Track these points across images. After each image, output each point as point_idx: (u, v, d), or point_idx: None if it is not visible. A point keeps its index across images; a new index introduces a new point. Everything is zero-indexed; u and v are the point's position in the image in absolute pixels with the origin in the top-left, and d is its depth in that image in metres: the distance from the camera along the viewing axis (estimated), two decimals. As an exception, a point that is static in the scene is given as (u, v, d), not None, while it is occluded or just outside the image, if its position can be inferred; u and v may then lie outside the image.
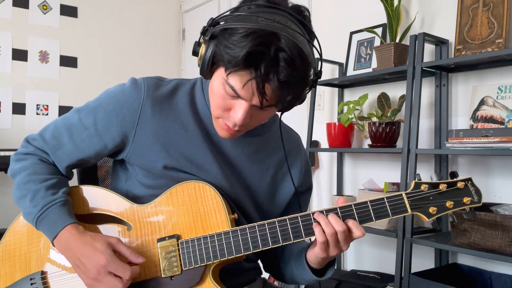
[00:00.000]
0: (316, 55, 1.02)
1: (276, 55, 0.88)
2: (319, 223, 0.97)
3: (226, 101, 0.97)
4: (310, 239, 1.05)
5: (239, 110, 0.95)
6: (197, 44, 1.00)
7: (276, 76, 0.89)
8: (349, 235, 0.97)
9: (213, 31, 0.95)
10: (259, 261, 1.25)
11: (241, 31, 0.89)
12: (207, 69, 0.97)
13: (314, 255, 1.01)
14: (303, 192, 1.24)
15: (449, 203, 0.99)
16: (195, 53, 1.00)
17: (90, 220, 1.08)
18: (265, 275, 1.27)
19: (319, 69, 1.02)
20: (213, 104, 1.00)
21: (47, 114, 3.41)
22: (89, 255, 0.96)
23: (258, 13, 0.91)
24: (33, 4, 3.39)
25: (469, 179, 1.01)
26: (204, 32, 0.97)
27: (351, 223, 0.97)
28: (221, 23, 0.96)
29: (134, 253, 0.99)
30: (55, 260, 1.07)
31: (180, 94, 1.11)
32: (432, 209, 0.99)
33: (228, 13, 0.95)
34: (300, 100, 0.99)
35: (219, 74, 0.96)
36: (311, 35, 0.99)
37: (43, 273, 1.06)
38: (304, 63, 0.91)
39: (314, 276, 1.07)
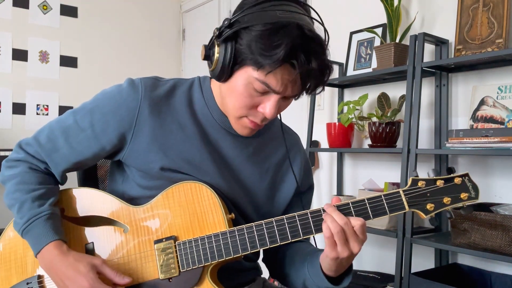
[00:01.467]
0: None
1: (309, 45, 0.92)
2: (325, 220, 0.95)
3: (254, 98, 0.98)
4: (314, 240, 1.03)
5: (270, 105, 0.98)
6: (209, 48, 1.00)
7: (315, 64, 0.93)
8: (354, 232, 0.94)
9: (230, 32, 0.94)
10: (259, 261, 1.24)
11: (267, 28, 0.91)
12: (228, 71, 0.97)
13: (324, 256, 0.98)
14: (304, 192, 1.24)
15: (446, 199, 0.99)
16: (207, 57, 1.00)
17: (86, 222, 1.07)
18: (265, 275, 1.27)
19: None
20: (236, 105, 1.00)
21: (47, 114, 3.41)
22: (72, 278, 0.95)
23: (271, 7, 0.93)
24: (33, 4, 3.38)
25: (466, 175, 1.01)
26: (220, 34, 0.96)
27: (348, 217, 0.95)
28: (234, 22, 0.95)
29: (119, 274, 0.98)
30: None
31: (178, 94, 1.10)
32: (429, 206, 0.98)
33: (240, 12, 0.95)
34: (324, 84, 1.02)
35: (243, 73, 0.96)
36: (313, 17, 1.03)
37: (39, 277, 1.05)
38: (325, 47, 0.96)
39: (329, 283, 1.02)
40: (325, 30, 1.00)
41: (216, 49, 0.96)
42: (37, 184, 1.05)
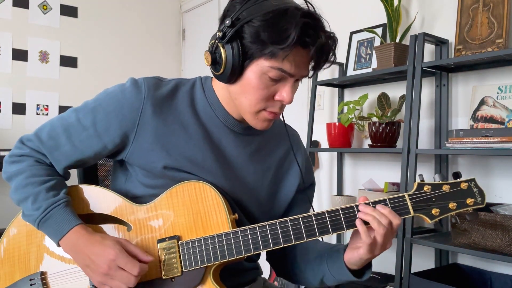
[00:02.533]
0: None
1: (313, 22, 0.94)
2: (363, 223, 0.96)
3: (269, 89, 0.99)
4: (323, 238, 1.04)
5: (287, 90, 0.99)
6: (213, 51, 1.00)
7: (324, 38, 0.95)
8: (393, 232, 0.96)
9: (233, 30, 0.95)
10: (259, 261, 1.25)
11: (270, 16, 0.92)
12: (239, 70, 0.98)
13: (359, 257, 0.98)
14: (306, 189, 1.24)
15: (452, 205, 0.98)
16: (214, 61, 1.00)
17: (89, 220, 1.07)
18: (265, 275, 1.27)
19: None
20: (253, 100, 1.00)
21: (47, 114, 3.41)
22: (99, 252, 0.96)
23: None
24: (33, 4, 3.38)
25: (473, 180, 1.00)
26: (223, 35, 0.96)
27: (387, 211, 0.96)
28: (235, 20, 0.96)
29: (143, 252, 0.99)
30: (54, 260, 1.07)
31: (180, 94, 1.10)
32: (435, 211, 0.98)
33: (237, 10, 0.96)
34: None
35: (255, 67, 0.97)
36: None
37: (42, 273, 1.06)
38: (323, 22, 0.98)
39: (353, 277, 1.04)
40: (312, 5, 1.01)
41: (222, 51, 0.97)
42: (47, 176, 1.06)
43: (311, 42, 0.94)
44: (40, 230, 1.03)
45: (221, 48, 0.97)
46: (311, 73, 1.03)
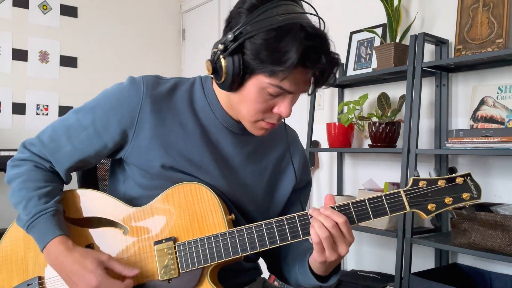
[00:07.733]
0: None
1: (316, 43, 0.91)
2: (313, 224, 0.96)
3: (268, 102, 0.99)
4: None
5: (285, 105, 0.99)
6: (214, 61, 0.99)
7: (325, 60, 0.92)
8: (341, 234, 0.95)
9: (235, 45, 0.94)
10: (259, 261, 1.24)
11: (272, 35, 0.91)
12: (238, 82, 0.97)
13: (313, 259, 1.00)
14: (302, 188, 1.24)
15: (448, 199, 0.98)
16: (214, 70, 0.99)
17: (86, 223, 1.07)
18: (265, 275, 1.27)
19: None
20: (251, 111, 1.00)
21: (47, 114, 3.41)
22: (80, 275, 0.95)
23: (269, 11, 0.93)
24: (33, 4, 3.38)
25: (468, 174, 1.00)
26: (225, 48, 0.95)
27: (329, 212, 0.95)
28: (237, 34, 0.94)
29: (128, 267, 0.99)
30: (52, 265, 1.06)
31: (179, 93, 1.10)
32: (431, 206, 0.97)
33: (242, 23, 0.94)
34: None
35: (255, 81, 0.96)
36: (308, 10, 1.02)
37: (40, 278, 1.05)
38: (329, 41, 0.95)
39: (317, 281, 1.05)
40: (321, 19, 1.00)
41: (223, 62, 0.96)
42: (43, 182, 1.06)
43: (311, 65, 0.92)
44: (30, 235, 1.03)
45: (222, 60, 0.96)
46: (311, 89, 1.02)
